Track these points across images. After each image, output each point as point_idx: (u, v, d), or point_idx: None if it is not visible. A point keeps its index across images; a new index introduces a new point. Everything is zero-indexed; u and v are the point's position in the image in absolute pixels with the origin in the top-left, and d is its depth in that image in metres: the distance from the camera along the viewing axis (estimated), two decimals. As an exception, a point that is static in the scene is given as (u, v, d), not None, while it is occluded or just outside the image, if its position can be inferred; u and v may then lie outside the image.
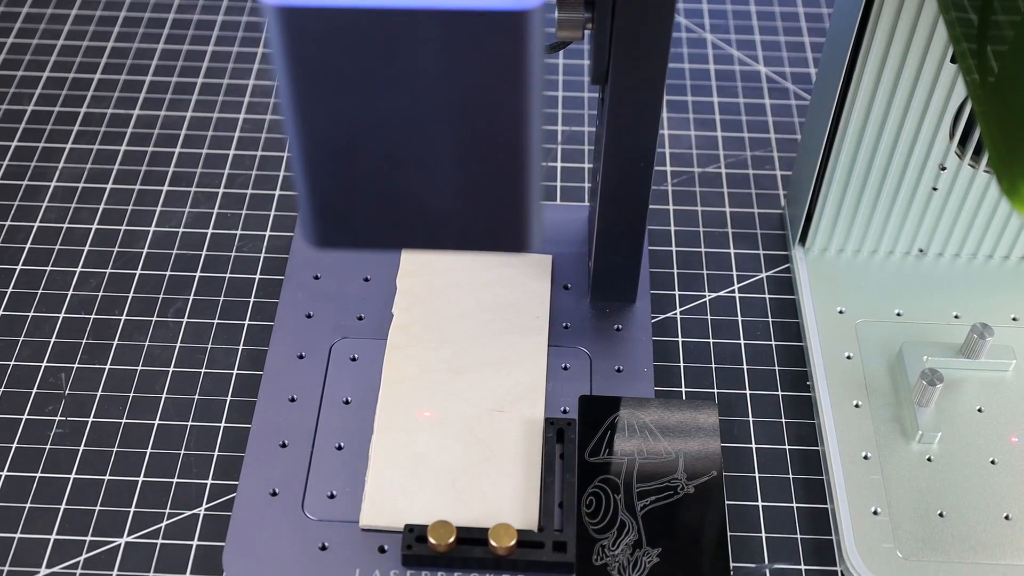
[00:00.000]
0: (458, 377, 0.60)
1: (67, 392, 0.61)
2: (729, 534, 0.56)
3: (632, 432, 0.57)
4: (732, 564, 0.55)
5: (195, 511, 0.57)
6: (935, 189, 0.63)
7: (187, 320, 0.65)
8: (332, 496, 0.56)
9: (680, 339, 0.64)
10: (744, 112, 0.78)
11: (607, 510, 0.54)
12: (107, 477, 0.58)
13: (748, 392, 0.62)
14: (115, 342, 0.63)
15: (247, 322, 0.65)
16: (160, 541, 0.56)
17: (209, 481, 0.58)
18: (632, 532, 0.53)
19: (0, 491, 0.57)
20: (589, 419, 0.58)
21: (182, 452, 0.59)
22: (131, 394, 0.61)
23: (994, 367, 0.61)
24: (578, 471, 0.56)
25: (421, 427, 0.58)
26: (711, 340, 0.64)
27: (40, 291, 0.66)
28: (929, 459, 0.58)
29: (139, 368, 0.62)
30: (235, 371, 0.62)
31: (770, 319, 0.65)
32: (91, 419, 0.60)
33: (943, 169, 0.62)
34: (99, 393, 0.61)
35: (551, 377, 0.61)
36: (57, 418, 0.60)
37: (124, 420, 0.60)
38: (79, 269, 0.67)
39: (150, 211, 0.70)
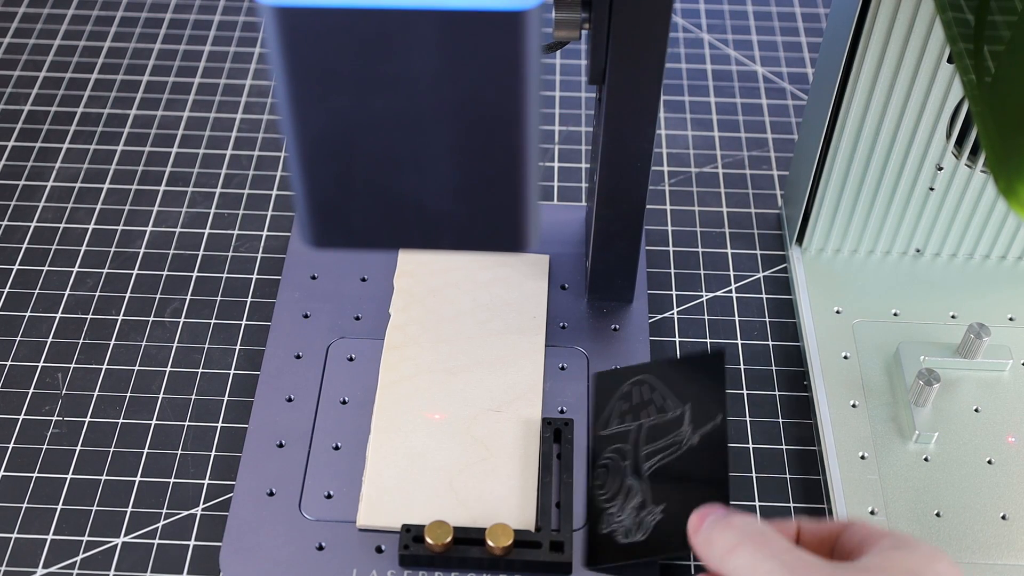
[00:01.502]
0: (455, 377, 0.60)
1: (64, 392, 0.61)
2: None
3: (641, 397, 0.56)
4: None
5: (192, 511, 0.57)
6: (932, 189, 0.63)
7: (184, 320, 0.65)
8: (329, 496, 0.56)
9: (677, 339, 0.64)
10: (741, 112, 0.78)
11: (615, 479, 0.54)
12: (104, 477, 0.58)
13: (745, 392, 0.62)
14: (112, 342, 0.63)
15: (244, 322, 0.65)
16: (157, 541, 0.56)
17: (206, 481, 0.58)
18: (637, 494, 0.53)
19: (-3, 491, 0.57)
20: (603, 395, 0.58)
21: (179, 452, 0.59)
22: (128, 394, 0.61)
23: (991, 367, 0.61)
24: (593, 447, 0.56)
25: (418, 427, 0.58)
26: (708, 340, 0.64)
27: (37, 291, 0.66)
28: (926, 459, 0.58)
29: (136, 368, 0.62)
30: (232, 371, 0.62)
31: (767, 319, 0.65)
32: (88, 419, 0.60)
33: (940, 169, 0.62)
34: (96, 393, 0.61)
35: (548, 377, 0.61)
36: (54, 418, 0.60)
37: (121, 420, 0.60)
38: (76, 269, 0.67)
39: (147, 211, 0.70)
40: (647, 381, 0.57)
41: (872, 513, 0.56)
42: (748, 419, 0.61)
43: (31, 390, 0.61)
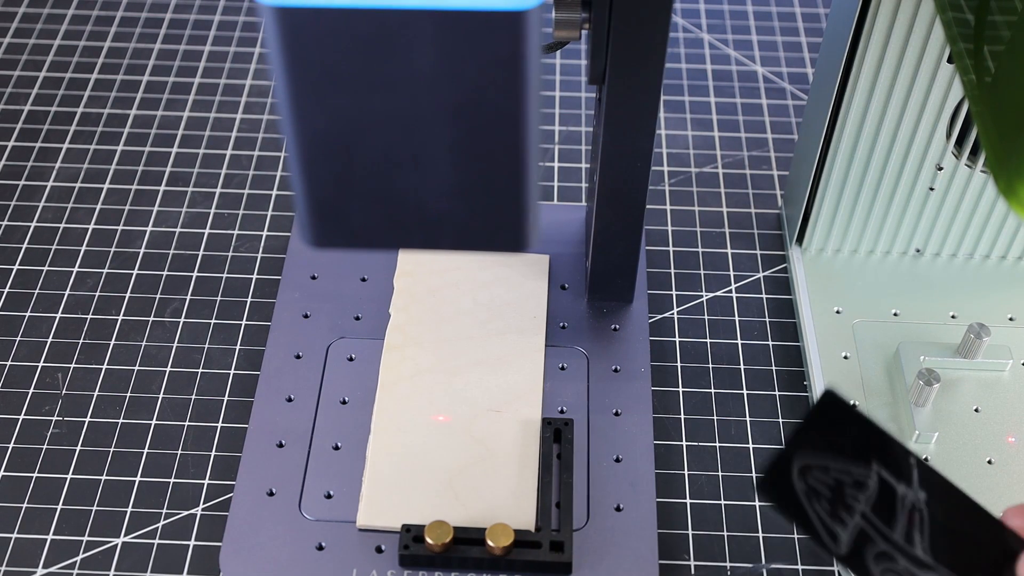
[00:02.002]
0: (455, 377, 0.60)
1: (64, 392, 0.61)
2: (728, 534, 0.56)
3: (826, 483, 0.42)
4: (729, 564, 0.55)
5: (192, 511, 0.57)
6: (932, 189, 0.63)
7: (184, 320, 0.65)
8: (329, 496, 0.56)
9: (677, 339, 0.64)
10: (741, 112, 0.78)
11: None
12: (104, 477, 0.58)
13: (745, 392, 0.62)
14: (112, 342, 0.63)
15: (244, 322, 0.65)
16: (157, 541, 0.56)
17: (206, 481, 0.58)
18: None
19: (-3, 491, 0.57)
20: (794, 511, 0.42)
21: (179, 452, 0.59)
22: (128, 394, 0.61)
23: (991, 367, 0.61)
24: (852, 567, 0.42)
25: (418, 427, 0.58)
26: (708, 340, 0.64)
27: (37, 291, 0.66)
28: (926, 459, 0.58)
29: (136, 368, 0.62)
30: (232, 371, 0.62)
31: (767, 319, 0.65)
32: (88, 419, 0.60)
33: (940, 169, 0.62)
34: (96, 393, 0.61)
35: (548, 377, 0.60)
36: (54, 418, 0.60)
37: (121, 420, 0.60)
38: (76, 269, 0.67)
39: (147, 211, 0.70)
40: (803, 464, 0.43)
41: (872, 513, 0.56)
42: (748, 419, 0.61)
43: (31, 390, 0.61)
